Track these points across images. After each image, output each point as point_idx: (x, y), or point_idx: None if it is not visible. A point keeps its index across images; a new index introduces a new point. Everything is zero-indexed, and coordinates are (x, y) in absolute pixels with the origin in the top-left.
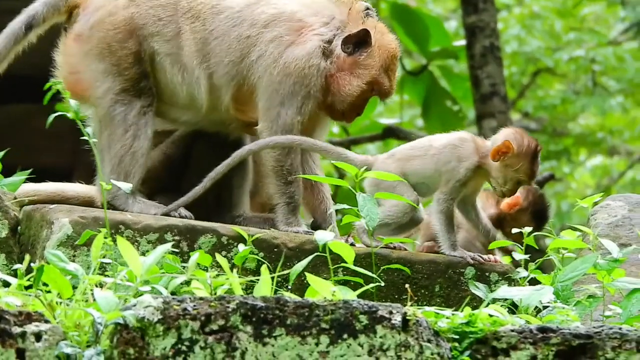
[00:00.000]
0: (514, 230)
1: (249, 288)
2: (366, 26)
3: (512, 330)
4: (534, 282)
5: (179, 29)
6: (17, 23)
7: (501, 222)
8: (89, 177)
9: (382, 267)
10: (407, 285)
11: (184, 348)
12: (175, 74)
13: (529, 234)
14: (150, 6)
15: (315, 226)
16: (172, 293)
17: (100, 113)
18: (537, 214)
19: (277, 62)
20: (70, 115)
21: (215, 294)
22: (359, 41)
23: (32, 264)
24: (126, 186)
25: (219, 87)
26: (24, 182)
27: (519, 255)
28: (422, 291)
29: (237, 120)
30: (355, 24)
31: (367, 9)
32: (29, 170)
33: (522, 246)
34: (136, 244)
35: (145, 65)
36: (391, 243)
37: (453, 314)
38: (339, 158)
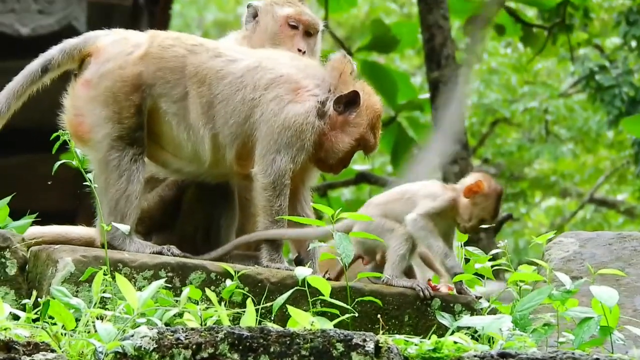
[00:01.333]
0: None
1: (235, 319)
2: (355, 88)
3: (475, 356)
4: (494, 311)
5: (186, 92)
6: (34, 65)
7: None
8: (90, 219)
9: (356, 299)
10: (379, 316)
11: None
12: (182, 131)
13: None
14: (159, 68)
15: (298, 260)
16: (166, 324)
17: (98, 157)
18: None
19: (278, 116)
20: (74, 163)
21: (205, 324)
22: (349, 101)
23: (39, 299)
24: (124, 228)
25: (224, 146)
26: (31, 224)
27: (481, 289)
28: (393, 321)
29: (237, 173)
30: (345, 85)
31: (352, 71)
32: (35, 214)
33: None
34: (133, 280)
35: (144, 117)
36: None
37: (421, 342)
38: (318, 236)
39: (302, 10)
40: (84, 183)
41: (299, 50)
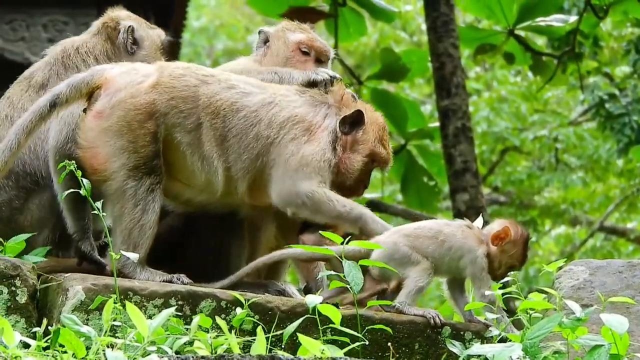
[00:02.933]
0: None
1: (246, 347)
2: (358, 107)
3: None
4: (504, 340)
5: (200, 122)
6: (43, 101)
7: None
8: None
9: (366, 327)
10: (389, 344)
11: None
12: (196, 161)
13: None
14: (172, 97)
15: (307, 289)
16: (177, 352)
17: (113, 186)
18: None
19: (295, 155)
20: (82, 192)
21: (215, 352)
22: (354, 121)
23: (49, 327)
24: (134, 256)
25: (236, 179)
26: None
27: (492, 315)
28: (403, 349)
29: (248, 204)
30: (347, 107)
31: (352, 95)
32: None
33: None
34: (143, 308)
35: (159, 145)
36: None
37: None
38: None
39: (314, 37)
40: (93, 211)
41: None
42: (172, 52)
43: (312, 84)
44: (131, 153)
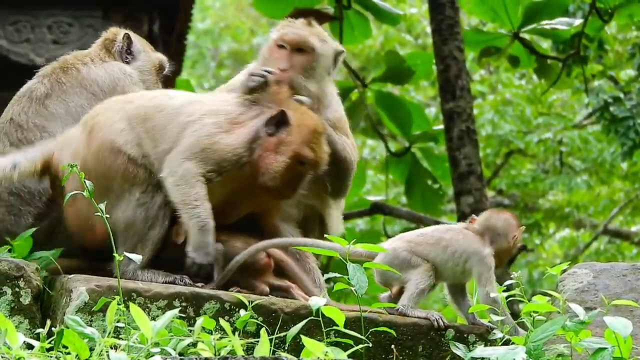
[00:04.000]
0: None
1: (249, 349)
2: (284, 107)
3: None
4: (508, 342)
5: (137, 134)
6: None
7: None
8: None
9: (370, 330)
10: (393, 346)
11: None
12: (144, 168)
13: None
14: (120, 129)
15: None
16: (180, 354)
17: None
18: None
19: (210, 138)
20: (85, 194)
21: (219, 354)
22: (279, 121)
23: (52, 329)
24: (137, 257)
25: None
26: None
27: (497, 317)
28: (407, 351)
29: None
30: (279, 108)
31: (298, 99)
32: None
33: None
34: (147, 309)
35: (141, 164)
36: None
37: None
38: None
39: (290, 30)
40: (96, 213)
41: (280, 70)
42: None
43: (251, 91)
44: (132, 187)
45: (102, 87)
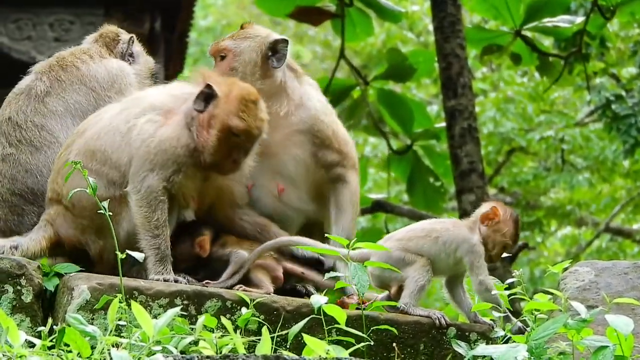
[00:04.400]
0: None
1: (251, 347)
2: (209, 81)
3: None
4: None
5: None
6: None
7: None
8: None
9: (371, 328)
10: (394, 344)
11: None
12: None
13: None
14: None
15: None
16: (182, 352)
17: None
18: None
19: (154, 137)
20: (88, 191)
21: (220, 352)
22: (208, 97)
23: (54, 327)
24: (139, 255)
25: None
26: None
27: (498, 313)
28: (408, 349)
29: None
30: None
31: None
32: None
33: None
34: (149, 308)
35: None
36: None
37: None
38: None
39: (214, 44)
40: (99, 211)
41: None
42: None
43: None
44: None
45: (101, 83)
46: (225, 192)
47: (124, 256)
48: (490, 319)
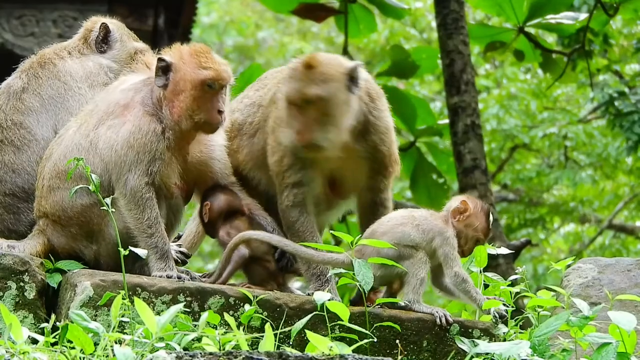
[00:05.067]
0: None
1: (254, 344)
2: (160, 55)
3: None
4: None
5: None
6: None
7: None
8: None
9: (374, 325)
10: (397, 341)
11: None
12: None
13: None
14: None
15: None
16: (185, 349)
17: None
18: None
19: (117, 140)
20: (91, 187)
21: (223, 349)
22: (165, 69)
23: (57, 323)
24: (142, 252)
25: None
26: None
27: (503, 307)
28: (412, 346)
29: None
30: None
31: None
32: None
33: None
34: (152, 304)
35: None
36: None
37: None
38: (325, 262)
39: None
40: (102, 208)
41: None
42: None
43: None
44: None
45: (75, 78)
46: (205, 170)
47: (127, 252)
48: (494, 310)
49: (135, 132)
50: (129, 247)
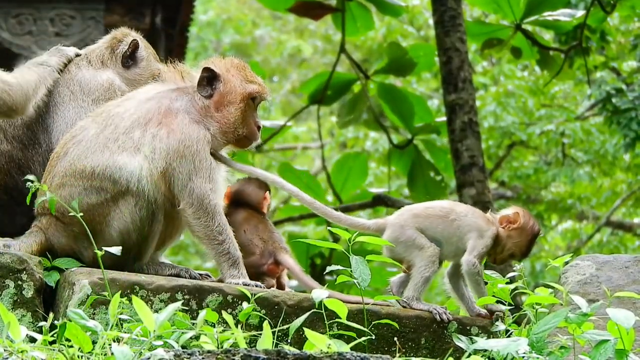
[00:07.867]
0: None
1: (252, 342)
2: (205, 65)
3: None
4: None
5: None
6: None
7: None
8: None
9: (373, 322)
10: (395, 338)
11: None
12: None
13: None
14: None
15: None
16: (183, 347)
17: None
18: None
19: (169, 151)
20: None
21: (221, 347)
22: (209, 80)
23: (55, 322)
24: (116, 250)
25: None
26: None
27: (501, 307)
28: (410, 344)
29: None
30: (191, 76)
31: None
32: None
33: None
34: (150, 302)
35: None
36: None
37: None
38: (352, 225)
39: None
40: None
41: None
42: None
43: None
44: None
45: (83, 87)
46: None
47: (102, 253)
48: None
49: (190, 139)
50: (129, 247)
